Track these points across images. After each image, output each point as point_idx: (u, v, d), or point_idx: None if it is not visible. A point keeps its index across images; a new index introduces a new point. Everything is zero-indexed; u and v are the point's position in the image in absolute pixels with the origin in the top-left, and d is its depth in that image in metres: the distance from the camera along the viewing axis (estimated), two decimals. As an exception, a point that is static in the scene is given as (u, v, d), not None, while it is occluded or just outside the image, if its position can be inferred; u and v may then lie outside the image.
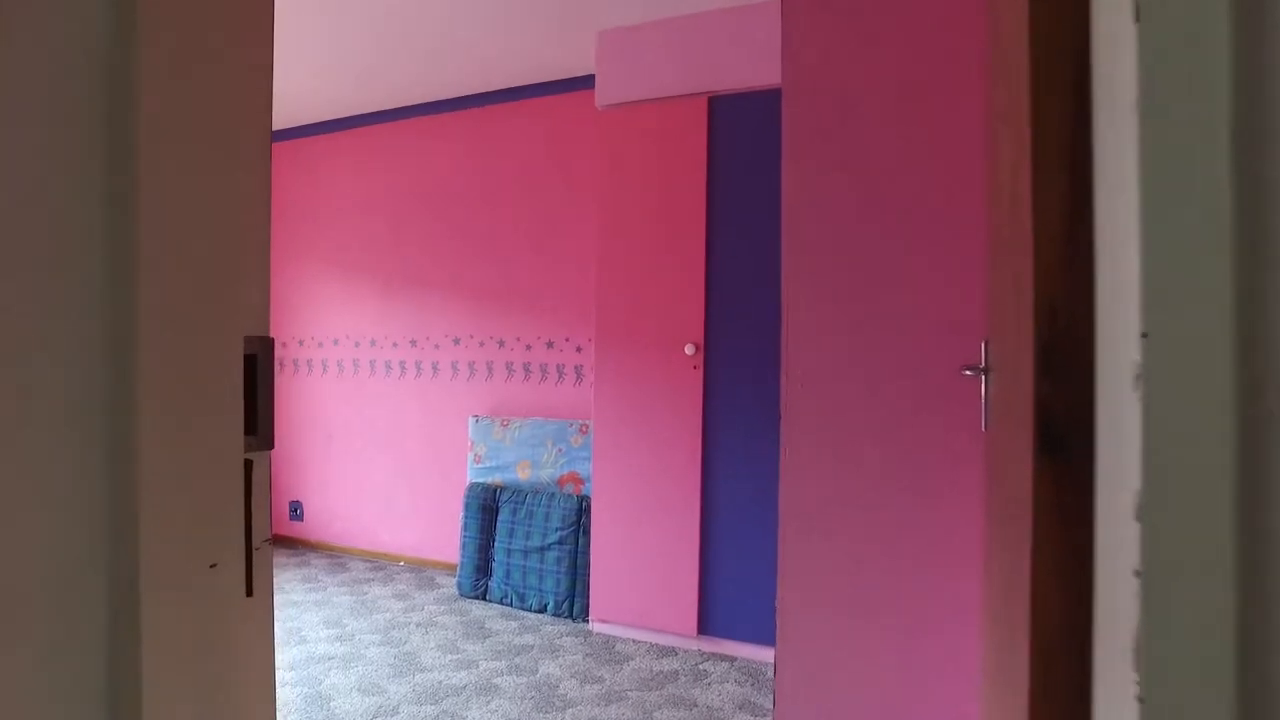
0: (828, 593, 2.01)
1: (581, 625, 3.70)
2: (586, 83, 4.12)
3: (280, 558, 4.84)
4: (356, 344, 4.93)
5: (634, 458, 3.51)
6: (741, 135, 3.34)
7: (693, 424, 3.38)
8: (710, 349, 3.37)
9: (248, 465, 0.85)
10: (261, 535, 0.90)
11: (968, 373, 1.32)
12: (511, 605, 3.95)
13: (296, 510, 5.17)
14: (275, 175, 5.25)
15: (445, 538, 4.56)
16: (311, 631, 3.56)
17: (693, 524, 3.39)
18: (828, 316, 1.99)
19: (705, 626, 3.40)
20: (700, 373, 3.37)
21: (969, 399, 1.73)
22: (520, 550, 3.96)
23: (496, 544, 4.06)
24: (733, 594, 3.35)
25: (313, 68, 4.06)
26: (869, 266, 1.93)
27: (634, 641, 3.50)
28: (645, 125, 3.51)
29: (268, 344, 0.89)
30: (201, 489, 0.80)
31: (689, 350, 3.37)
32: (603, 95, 3.59)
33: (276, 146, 5.19)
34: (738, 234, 3.32)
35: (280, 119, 4.92)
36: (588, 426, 3.99)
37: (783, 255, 2.07)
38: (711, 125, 3.39)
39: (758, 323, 3.26)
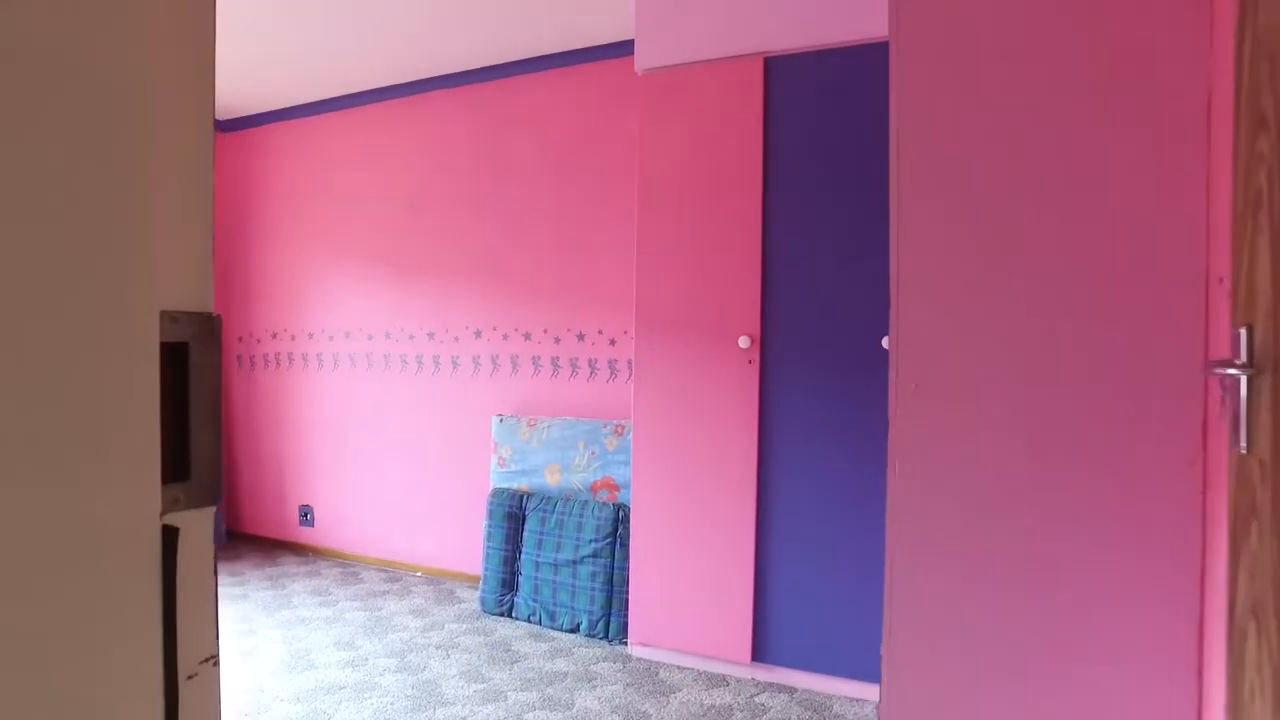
0: (951, 639, 1.63)
1: (619, 648, 3.33)
2: (621, 49, 3.74)
3: (290, 566, 4.50)
4: (370, 337, 4.57)
5: (679, 463, 3.13)
6: (804, 100, 2.94)
7: (747, 425, 3.00)
8: (768, 341, 2.98)
9: (170, 535, 0.47)
10: (199, 654, 0.53)
11: (1229, 371, 0.94)
12: (540, 624, 3.58)
13: (307, 515, 4.82)
14: (281, 158, 4.91)
15: (466, 547, 4.20)
16: (321, 654, 3.21)
17: (747, 537, 3.01)
18: (962, 309, 1.60)
19: (760, 653, 3.03)
20: (756, 368, 2.99)
21: (1184, 408, 1.35)
22: (550, 563, 3.59)
23: (523, 556, 3.69)
24: (792, 617, 2.97)
25: (319, 38, 3.70)
26: (1018, 246, 1.54)
27: (679, 669, 3.13)
28: (691, 91, 3.13)
29: (207, 326, 0.51)
30: (75, 585, 0.43)
31: (743, 343, 2.98)
32: (643, 58, 3.21)
33: (281, 126, 4.84)
34: (801, 211, 2.93)
35: (286, 97, 4.56)
36: (624, 427, 3.61)
37: (893, 238, 1.68)
38: (768, 89, 3.00)
39: (825, 312, 2.88)
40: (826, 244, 2.89)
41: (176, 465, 0.48)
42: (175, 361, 0.48)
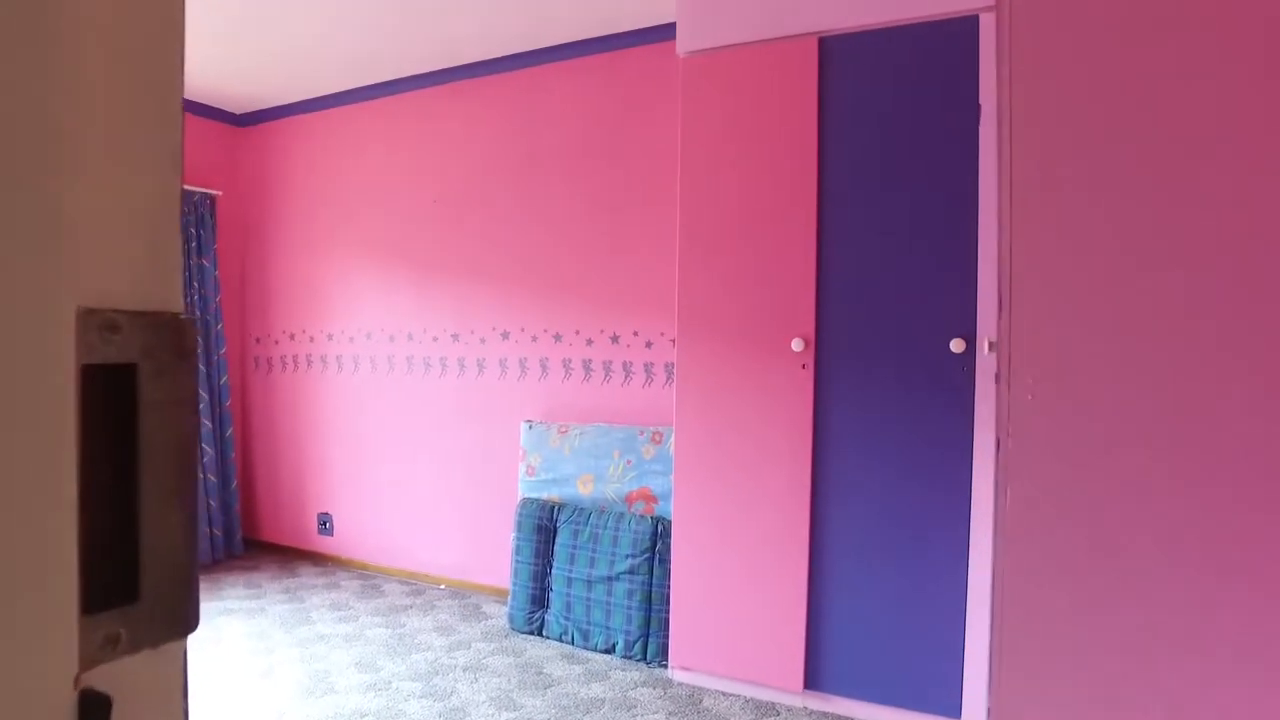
0: (1073, 688, 1.39)
1: (658, 671, 3.11)
2: (659, 33, 3.52)
3: (309, 578, 4.31)
4: (392, 338, 4.38)
5: (724, 473, 2.91)
6: (862, 83, 2.71)
7: (800, 434, 2.77)
8: (824, 345, 2.75)
9: (94, 710, 0.25)
10: None
11: None
12: (573, 644, 3.37)
13: (325, 524, 4.64)
14: (302, 152, 4.73)
15: (492, 559, 3.99)
16: (341, 676, 3.01)
17: (799, 555, 2.78)
18: (1099, 308, 1.36)
19: (814, 680, 2.80)
20: (810, 373, 2.76)
21: None
22: (583, 580, 3.37)
23: (554, 571, 3.48)
24: (849, 642, 2.74)
25: (341, 25, 3.50)
26: (1176, 236, 1.30)
27: (724, 695, 2.91)
28: (738, 75, 2.90)
29: (171, 337, 0.29)
30: None
31: (796, 346, 2.75)
32: (686, 40, 2.99)
33: (302, 119, 4.66)
34: (860, 203, 2.70)
35: (306, 89, 4.38)
36: (661, 435, 3.39)
37: (1004, 228, 1.45)
38: (823, 72, 2.77)
39: (887, 312, 2.64)
40: (889, 239, 2.66)
41: (114, 580, 0.26)
42: (117, 394, 0.27)
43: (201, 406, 4.49)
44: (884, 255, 2.67)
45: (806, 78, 2.78)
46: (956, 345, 2.52)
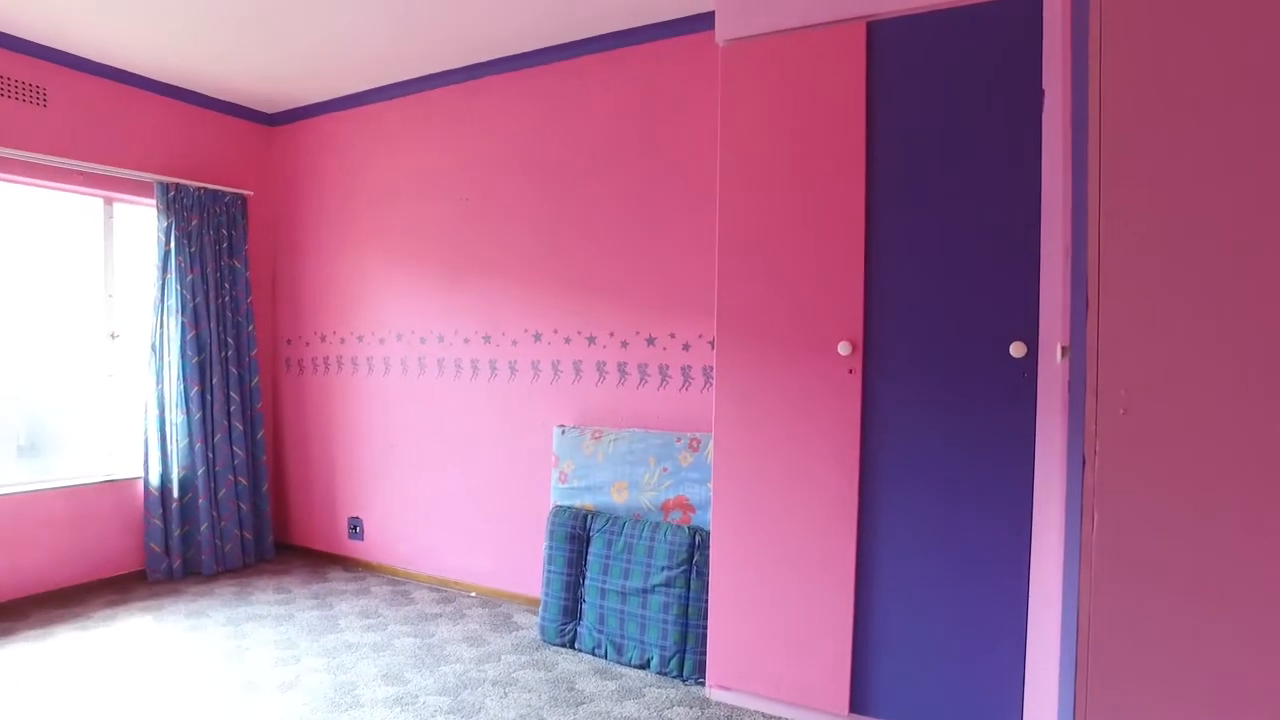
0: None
1: (695, 689, 2.97)
2: (697, 23, 3.39)
3: (338, 583, 4.24)
4: (422, 339, 4.29)
5: (766, 482, 2.76)
6: (914, 70, 2.55)
7: (846, 442, 2.62)
8: (873, 347, 2.59)
9: None
10: None
11: None
12: (606, 658, 3.24)
13: (356, 528, 4.57)
14: (332, 152, 4.67)
15: (524, 567, 3.88)
16: (367, 689, 2.92)
17: (845, 569, 2.63)
18: (1207, 299, 1.20)
19: (861, 702, 2.64)
20: (858, 378, 2.60)
21: None
22: (617, 591, 3.25)
23: (587, 582, 3.35)
24: (898, 663, 2.57)
25: (369, 21, 3.42)
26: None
27: (765, 716, 2.76)
28: (781, 63, 2.76)
29: None
30: None
31: (843, 349, 2.60)
32: (725, 27, 2.84)
33: (332, 118, 4.61)
34: (912, 196, 2.54)
35: (336, 87, 4.31)
36: (699, 441, 3.25)
37: (1096, 222, 1.29)
38: (872, 58, 2.61)
39: (942, 313, 2.48)
40: (942, 234, 2.49)
41: None
42: None
43: (233, 409, 4.45)
44: (937, 252, 2.50)
45: (854, 64, 2.62)
46: (1017, 349, 2.35)
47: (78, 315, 4.16)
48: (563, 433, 3.63)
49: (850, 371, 2.61)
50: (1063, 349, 1.61)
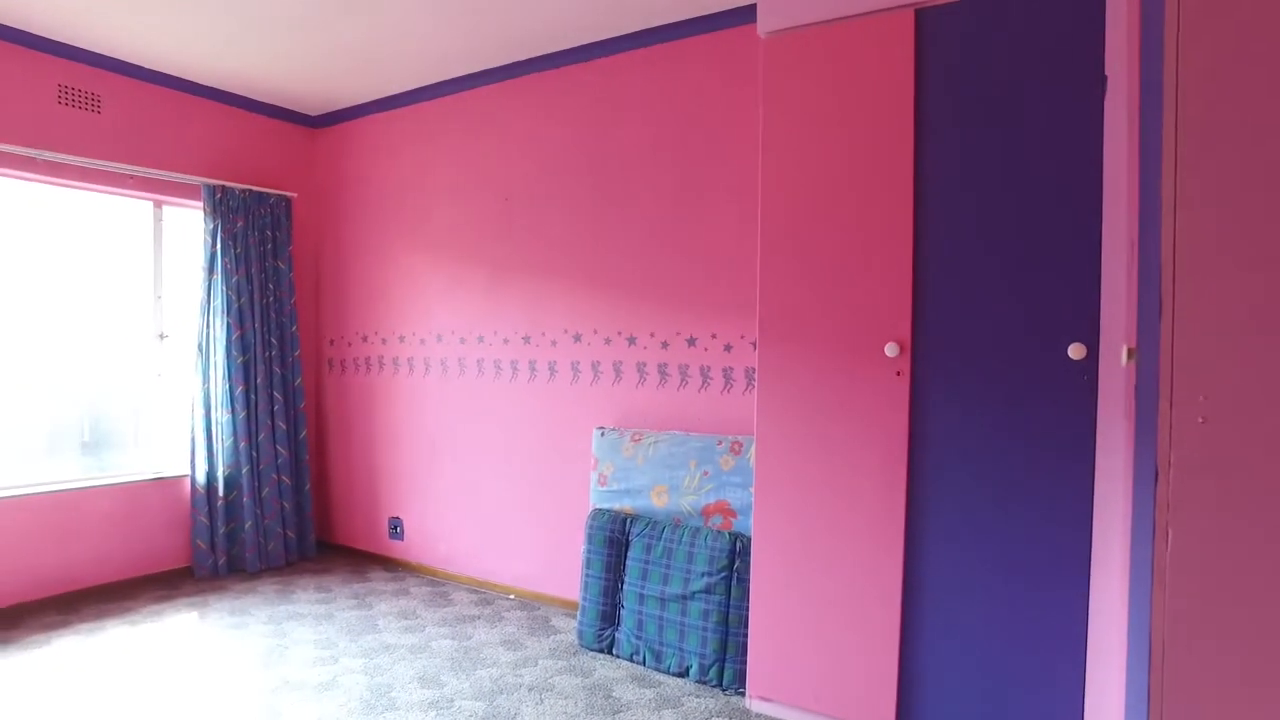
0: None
1: (735, 699, 2.89)
2: (737, 17, 3.31)
3: (378, 583, 4.25)
4: (462, 340, 4.28)
5: (809, 488, 2.67)
6: (966, 57, 2.44)
7: (894, 447, 2.51)
8: (921, 348, 2.49)
9: None
10: None
11: None
12: (644, 665, 3.18)
13: (396, 528, 4.58)
14: (374, 153, 4.69)
15: (563, 570, 3.84)
16: (403, 692, 2.90)
17: (893, 579, 2.52)
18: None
19: (906, 716, 2.53)
20: (906, 381, 2.50)
21: None
22: (655, 597, 3.18)
23: (626, 587, 3.30)
24: (948, 677, 2.46)
25: (408, 20, 3.41)
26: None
27: (807, 731, 2.67)
28: (825, 54, 2.66)
29: None
30: None
31: (890, 351, 2.50)
32: (767, 18, 2.76)
33: (374, 120, 4.63)
34: (963, 190, 2.43)
35: (377, 89, 4.33)
36: (741, 444, 3.17)
37: (1170, 211, 1.19)
38: (920, 47, 2.51)
39: (995, 312, 2.36)
40: (995, 229, 2.38)
41: None
42: None
43: (276, 408, 4.49)
44: (990, 248, 2.38)
45: (901, 54, 2.52)
46: (1075, 351, 2.23)
47: (129, 316, 4.24)
48: (602, 434, 3.58)
49: (898, 374, 2.51)
50: (1129, 351, 1.50)
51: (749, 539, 2.95)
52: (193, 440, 4.23)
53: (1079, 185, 2.24)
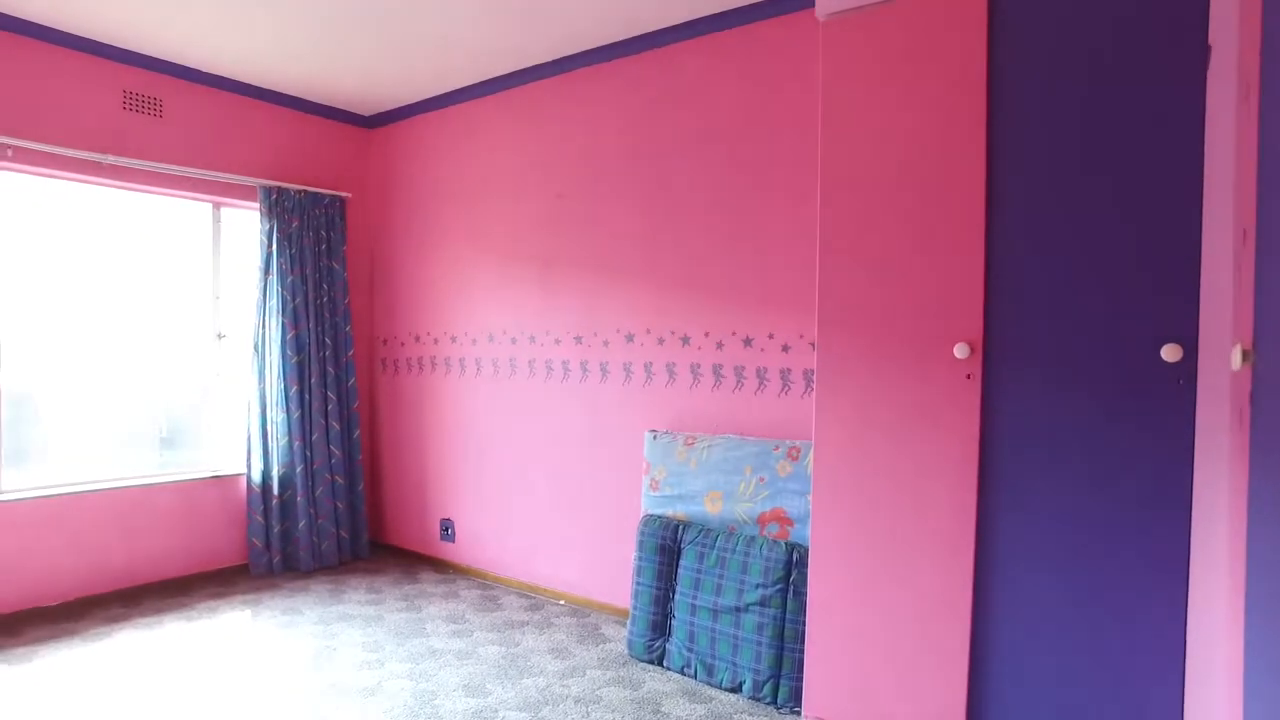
0: None
1: (789, 718, 2.74)
2: (794, 2, 3.17)
3: (428, 585, 4.22)
4: (513, 340, 4.22)
5: (871, 498, 2.51)
6: (1044, 32, 2.24)
7: (963, 456, 2.33)
8: (994, 350, 2.30)
9: None
10: None
11: None
12: (695, 678, 3.05)
13: (448, 530, 4.55)
14: (427, 151, 4.66)
15: (614, 577, 3.74)
16: (447, 700, 2.83)
17: (961, 597, 2.34)
18: None
19: (978, 747, 2.35)
20: (977, 384, 2.32)
21: None
22: (708, 608, 3.05)
23: (677, 597, 3.17)
24: (1022, 704, 2.27)
25: (459, 15, 3.35)
26: None
27: (868, 756, 2.50)
28: (887, 36, 2.50)
29: None
30: None
31: (960, 352, 2.32)
32: (827, 0, 2.61)
33: (426, 118, 4.61)
34: (1040, 177, 2.24)
35: (429, 87, 4.30)
36: (799, 450, 3.02)
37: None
38: (994, 25, 2.32)
39: (1076, 309, 2.16)
40: (1076, 219, 2.18)
41: None
42: None
43: (330, 408, 4.50)
44: (1071, 239, 2.19)
45: (973, 32, 2.34)
46: (1170, 352, 2.02)
47: (189, 317, 4.30)
48: (654, 438, 3.46)
49: (968, 377, 2.33)
50: (1243, 352, 1.31)
51: (806, 549, 2.80)
52: (248, 439, 4.26)
53: (1176, 169, 2.03)
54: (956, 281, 2.35)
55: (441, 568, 4.55)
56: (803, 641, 2.75)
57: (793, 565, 2.87)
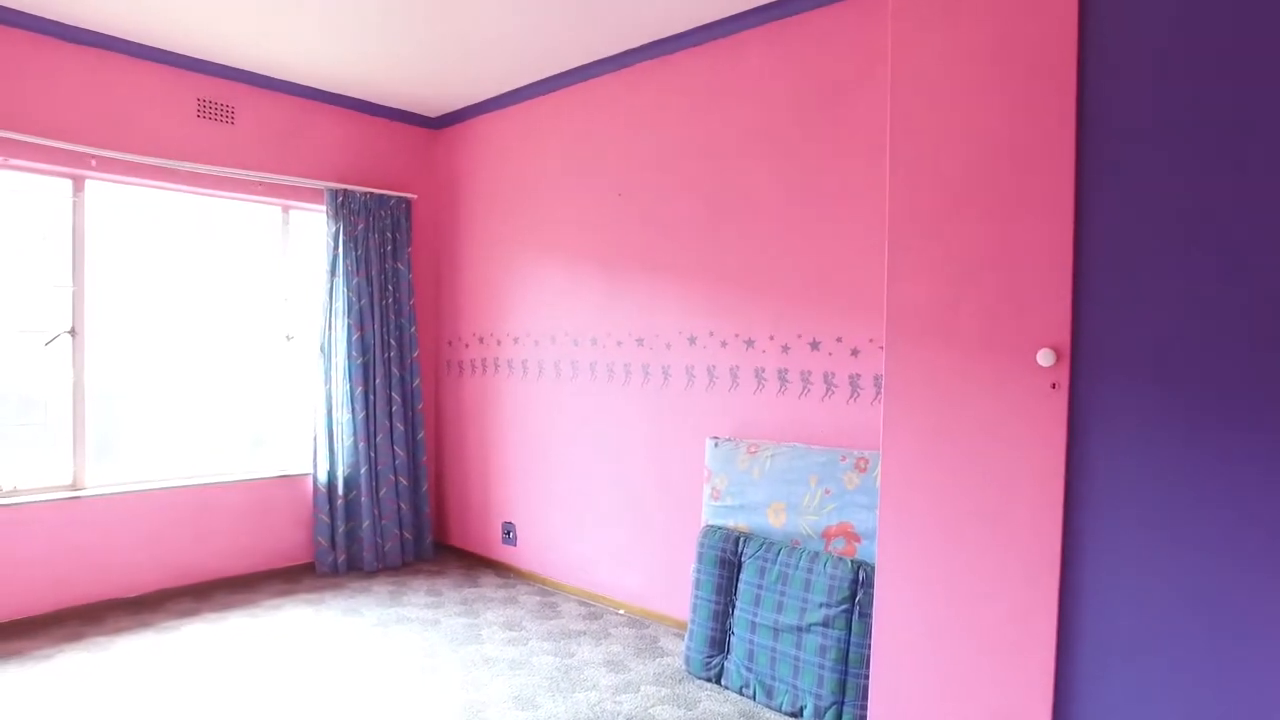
0: None
1: (855, 750, 2.57)
2: (869, -15, 2.98)
3: (489, 589, 4.18)
4: (575, 342, 4.14)
5: (943, 515, 2.31)
6: (1148, 15, 2.01)
7: (1048, 474, 2.11)
8: (1084, 356, 2.07)
9: None
10: None
11: None
12: (754, 699, 2.90)
13: (509, 534, 4.51)
14: (490, 151, 4.62)
15: (674, 587, 3.62)
16: (496, 711, 2.76)
17: (1044, 628, 2.12)
18: None
19: (1063, 796, 2.12)
20: (1063, 395, 2.09)
21: None
22: (768, 626, 2.90)
23: (737, 613, 3.03)
24: (1114, 753, 2.04)
25: (519, 12, 3.29)
26: None
27: (939, 796, 2.30)
28: (964, 11, 2.29)
29: None
30: None
31: (1044, 359, 2.10)
32: (901, -20, 2.42)
33: (490, 118, 4.58)
34: (1142, 160, 2.00)
35: (489, 88, 4.26)
36: (867, 461, 2.84)
37: None
38: (1086, 8, 2.09)
39: (1184, 308, 1.92)
40: (1183, 202, 1.94)
41: None
42: None
43: (394, 409, 4.52)
44: (1174, 227, 1.95)
45: (1061, 19, 2.12)
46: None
47: (259, 319, 4.38)
48: (716, 445, 3.32)
49: (1053, 386, 2.11)
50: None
51: (874, 567, 2.62)
52: (314, 440, 4.31)
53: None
54: (1040, 277, 2.12)
55: (503, 572, 4.51)
56: (868, 667, 2.57)
57: (859, 584, 2.70)
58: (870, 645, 2.54)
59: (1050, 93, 2.12)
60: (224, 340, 4.27)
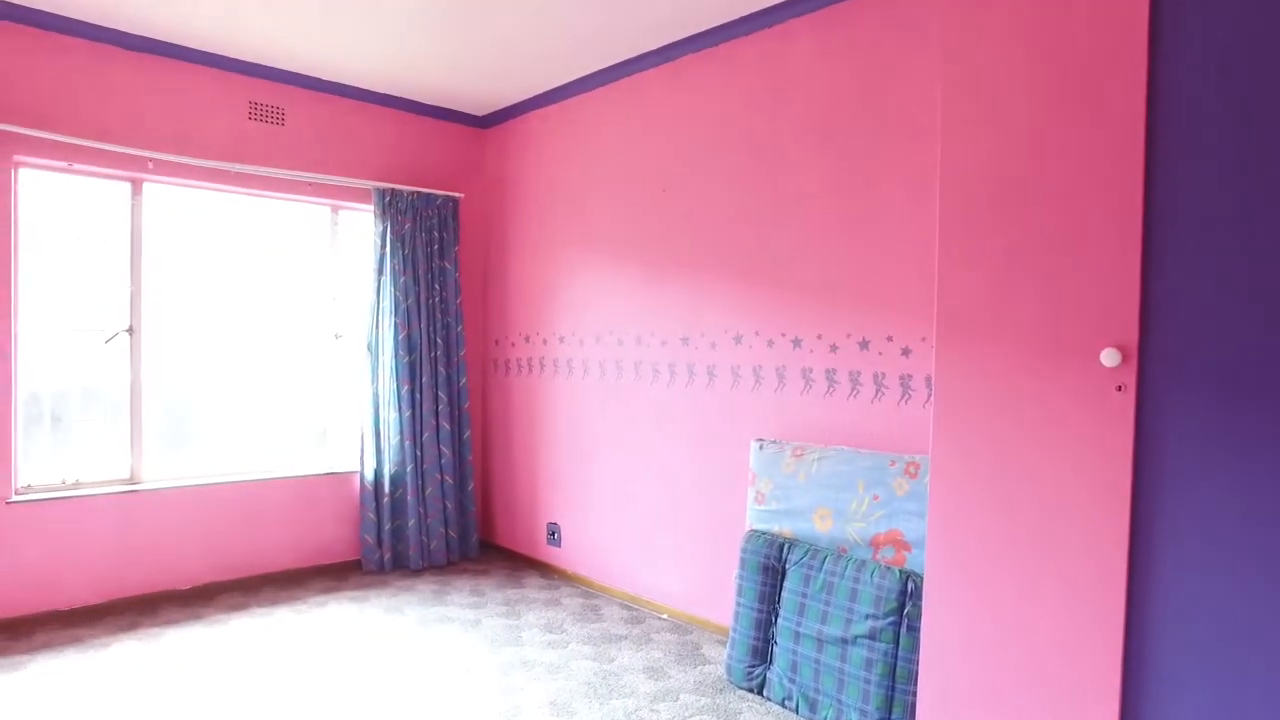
0: None
1: (903, 770, 2.44)
2: (923, -34, 2.83)
3: (531, 590, 4.15)
4: (620, 341, 4.08)
5: (996, 525, 2.17)
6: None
7: (1112, 483, 1.96)
8: (1153, 357, 1.92)
9: None
10: None
11: None
12: (796, 711, 2.79)
13: (554, 534, 4.47)
14: (537, 149, 4.58)
15: (718, 593, 3.52)
16: (530, 717, 2.71)
17: (1110, 638, 1.97)
18: None
19: (1128, 831, 1.96)
20: (1131, 399, 1.94)
21: None
22: (812, 637, 2.78)
23: (780, 621, 2.92)
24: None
25: (565, 6, 3.25)
26: None
27: (992, 824, 2.16)
28: (1026, 12, 2.15)
29: None
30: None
31: (1109, 360, 1.95)
32: (954, -42, 2.28)
33: (536, 115, 4.55)
34: (1220, 146, 1.83)
35: (536, 84, 4.23)
36: (917, 466, 2.70)
37: None
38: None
39: (1269, 311, 1.76)
40: (1255, 195, 1.77)
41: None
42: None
43: (440, 408, 4.53)
44: (1256, 218, 1.78)
45: (1130, 8, 1.96)
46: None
47: (309, 317, 4.44)
48: (761, 447, 3.22)
49: (1119, 389, 1.95)
50: None
51: (923, 578, 2.48)
52: (362, 438, 4.35)
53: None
54: (1104, 272, 1.97)
55: (547, 572, 4.48)
56: (915, 683, 2.44)
57: (908, 596, 2.56)
58: (918, 660, 2.41)
59: (1117, 89, 1.97)
60: (274, 339, 4.34)
